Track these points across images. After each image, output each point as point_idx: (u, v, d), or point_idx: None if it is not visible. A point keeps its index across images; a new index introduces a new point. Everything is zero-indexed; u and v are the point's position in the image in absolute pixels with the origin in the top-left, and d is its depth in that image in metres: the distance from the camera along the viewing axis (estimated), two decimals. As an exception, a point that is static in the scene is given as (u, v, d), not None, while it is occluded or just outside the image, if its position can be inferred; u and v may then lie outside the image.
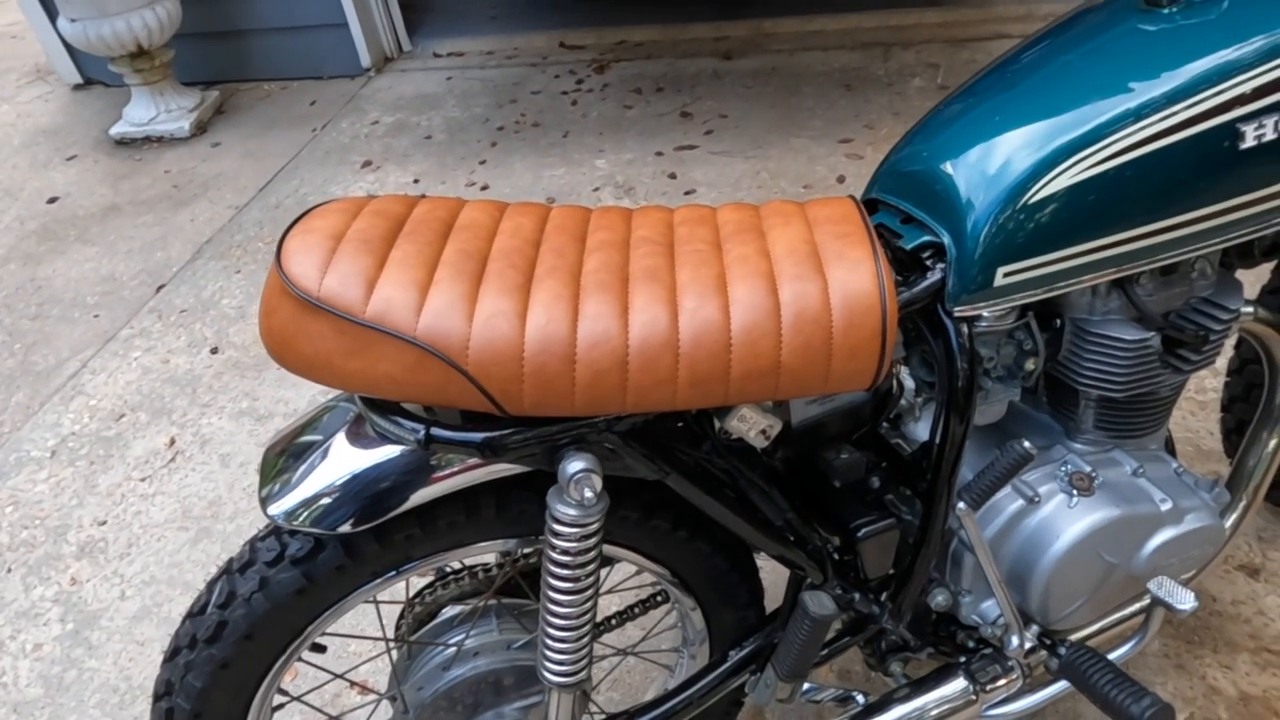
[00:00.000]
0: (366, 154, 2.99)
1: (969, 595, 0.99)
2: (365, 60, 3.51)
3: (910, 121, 2.73)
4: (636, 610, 1.17)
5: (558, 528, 0.74)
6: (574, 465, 0.72)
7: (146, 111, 3.24)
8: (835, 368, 0.70)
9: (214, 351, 2.19)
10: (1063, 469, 0.95)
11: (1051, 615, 0.98)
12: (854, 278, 0.71)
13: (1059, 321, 0.90)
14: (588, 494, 0.71)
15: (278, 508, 0.74)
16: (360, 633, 1.38)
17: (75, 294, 2.48)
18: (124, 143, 3.25)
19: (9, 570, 1.68)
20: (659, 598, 1.17)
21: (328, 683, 1.37)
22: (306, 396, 2.01)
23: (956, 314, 0.81)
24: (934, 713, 0.99)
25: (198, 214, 2.79)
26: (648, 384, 0.68)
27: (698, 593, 0.99)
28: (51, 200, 2.95)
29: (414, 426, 0.71)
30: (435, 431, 0.71)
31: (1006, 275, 0.79)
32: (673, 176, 2.65)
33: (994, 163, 0.79)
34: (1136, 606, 1.06)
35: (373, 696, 1.36)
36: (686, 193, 2.56)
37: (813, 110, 2.89)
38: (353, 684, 1.40)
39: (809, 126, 2.81)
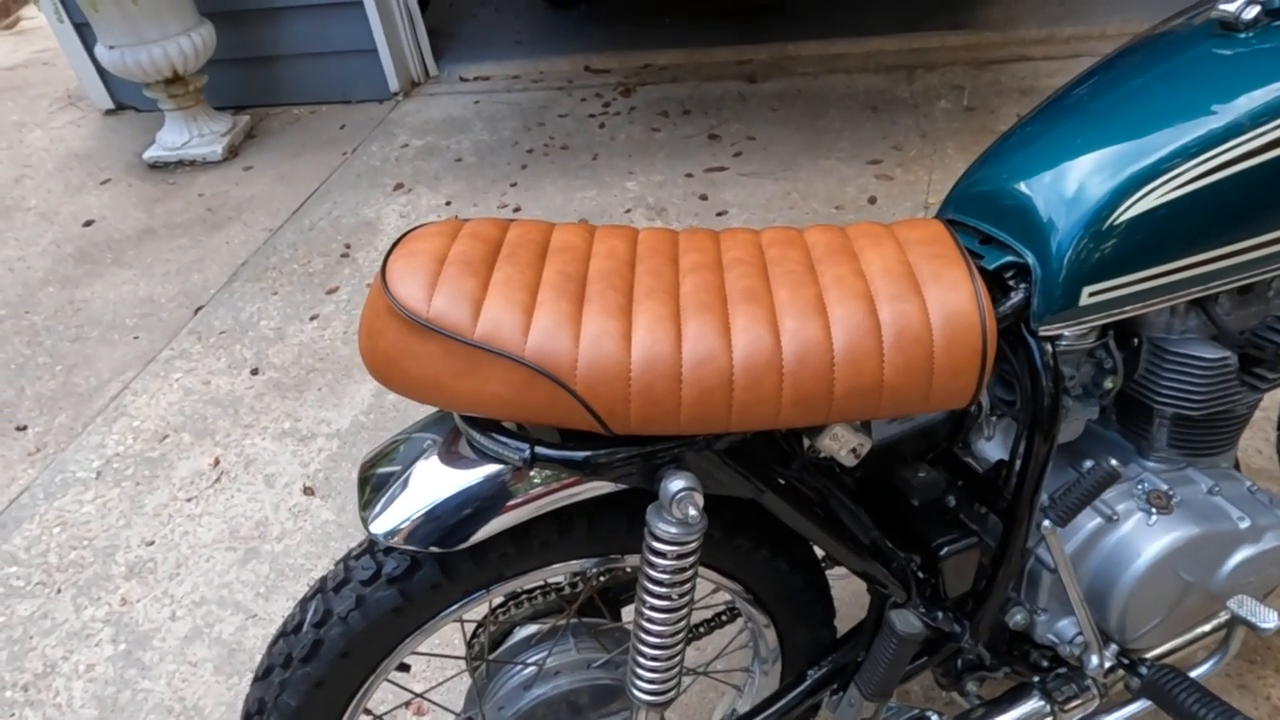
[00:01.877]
0: (398, 177, 3.02)
1: (1045, 614, 0.99)
2: (393, 84, 3.56)
3: (938, 143, 2.76)
4: (702, 630, 1.17)
5: (658, 545, 0.74)
6: (676, 484, 0.72)
7: (179, 136, 3.29)
8: (936, 386, 0.71)
9: (254, 373, 2.20)
10: (1139, 487, 0.95)
11: (1129, 634, 0.97)
12: (953, 297, 0.72)
13: (1136, 340, 0.91)
14: (691, 512, 0.72)
15: (380, 526, 0.75)
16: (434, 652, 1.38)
17: (114, 316, 2.50)
18: (157, 166, 3.30)
19: (59, 591, 1.69)
20: (724, 616, 1.18)
21: (406, 703, 1.38)
22: (349, 417, 2.02)
23: (1041, 333, 0.82)
24: (1011, 733, 0.99)
25: (232, 237, 2.82)
26: (752, 402, 0.69)
27: (773, 610, 0.99)
28: (87, 223, 2.99)
29: (519, 446, 0.72)
30: (539, 450, 0.72)
31: (1091, 295, 0.80)
32: (704, 198, 2.67)
33: (1077, 184, 0.80)
34: (1210, 625, 1.06)
35: (442, 716, 1.36)
36: (719, 214, 2.58)
37: (840, 132, 2.92)
38: (407, 704, 1.39)
39: (837, 148, 2.83)
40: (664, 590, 0.76)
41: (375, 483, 0.80)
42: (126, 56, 3.00)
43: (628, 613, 1.10)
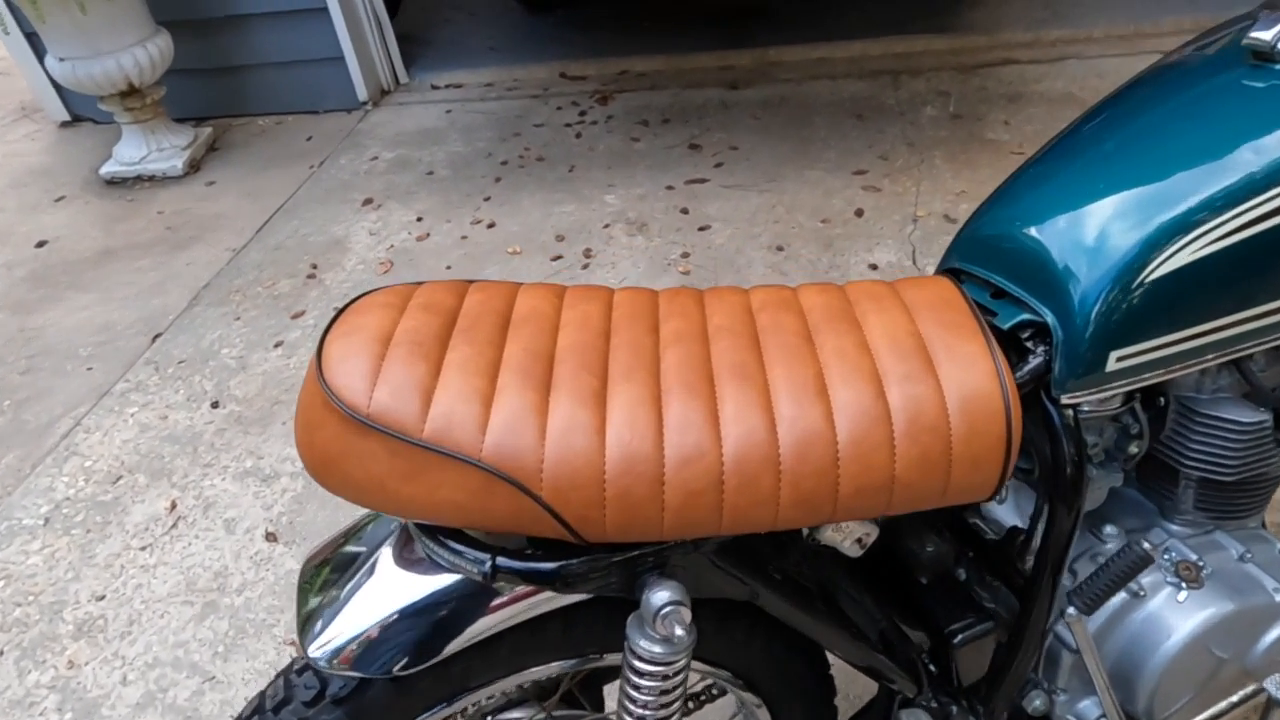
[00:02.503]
0: (367, 191, 2.91)
1: (1065, 695, 0.90)
2: (362, 94, 3.44)
3: (925, 153, 2.68)
4: (690, 705, 1.08)
5: (640, 665, 0.65)
6: (660, 596, 0.63)
7: (137, 150, 3.15)
8: (955, 479, 0.62)
9: (214, 406, 2.09)
10: (1167, 557, 0.87)
11: (1156, 714, 0.89)
12: (971, 376, 0.63)
13: (1163, 400, 0.83)
14: (678, 631, 0.63)
15: (319, 647, 0.65)
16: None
17: (68, 345, 2.38)
18: (115, 182, 3.16)
19: (1, 653, 1.57)
20: (714, 690, 1.09)
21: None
22: (314, 454, 1.91)
23: (1063, 401, 0.73)
24: (1030, 824, 0.91)
25: (194, 257, 2.69)
26: (746, 505, 0.60)
27: (767, 694, 0.90)
28: (40, 244, 2.85)
29: (478, 556, 0.62)
30: (502, 562, 0.62)
31: (1120, 360, 0.71)
32: (685, 212, 2.58)
33: (1100, 235, 0.72)
34: (1238, 696, 0.99)
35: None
36: (700, 228, 2.49)
37: (825, 141, 2.83)
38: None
39: (822, 158, 2.75)
40: (648, 713, 0.67)
41: (317, 590, 0.70)
42: (78, 69, 2.86)
43: (611, 690, 1.01)
